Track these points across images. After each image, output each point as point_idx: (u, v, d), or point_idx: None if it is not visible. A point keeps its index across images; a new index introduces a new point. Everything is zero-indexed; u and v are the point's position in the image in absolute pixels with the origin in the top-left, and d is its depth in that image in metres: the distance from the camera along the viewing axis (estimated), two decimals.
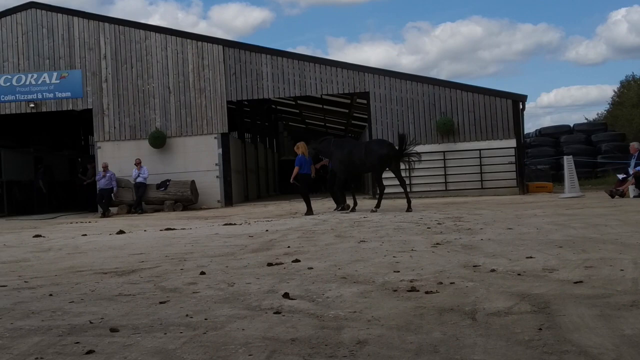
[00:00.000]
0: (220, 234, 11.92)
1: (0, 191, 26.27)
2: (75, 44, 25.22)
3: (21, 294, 6.05)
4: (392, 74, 25.16)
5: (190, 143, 24.82)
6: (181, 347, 3.91)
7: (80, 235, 13.32)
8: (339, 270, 6.65)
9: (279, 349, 3.80)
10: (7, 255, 9.87)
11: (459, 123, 24.29)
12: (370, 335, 4.05)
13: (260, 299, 5.29)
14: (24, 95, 25.24)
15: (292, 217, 16.26)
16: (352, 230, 11.40)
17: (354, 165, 17.22)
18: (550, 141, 36.39)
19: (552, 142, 36.27)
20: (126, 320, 4.68)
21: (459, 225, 11.35)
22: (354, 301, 5.09)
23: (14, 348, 4.03)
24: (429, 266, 6.68)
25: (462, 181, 24.16)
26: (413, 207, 16.79)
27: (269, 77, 24.77)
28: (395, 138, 24.39)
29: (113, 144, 25.01)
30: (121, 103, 25.05)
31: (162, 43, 25.07)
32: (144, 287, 6.13)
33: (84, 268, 7.81)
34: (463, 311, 4.60)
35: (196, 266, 7.45)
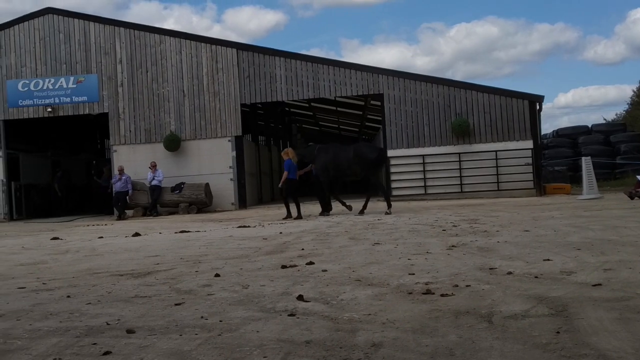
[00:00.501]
0: (235, 237, 11.95)
1: (19, 194, 26.48)
2: (91, 49, 25.40)
3: (39, 295, 6.09)
4: (406, 76, 25.11)
5: (204, 146, 24.90)
6: (196, 349, 3.92)
7: (97, 238, 13.40)
8: (353, 273, 6.65)
9: (293, 351, 3.80)
10: (26, 258, 9.95)
11: (474, 124, 24.20)
12: (385, 338, 4.04)
13: (275, 301, 5.30)
14: (42, 100, 25.45)
15: (305, 220, 16.26)
16: (366, 233, 11.38)
17: (340, 169, 17.34)
18: (568, 142, 36.13)
19: (569, 143, 36.02)
20: (142, 322, 4.71)
21: (474, 228, 11.30)
22: (368, 304, 5.08)
23: (33, 349, 4.06)
24: (445, 269, 6.65)
25: (478, 183, 24.06)
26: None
27: (282, 79, 24.81)
28: (410, 140, 24.48)
29: (128, 147, 25.15)
30: (136, 107, 25.19)
31: (176, 47, 25.20)
32: (159, 289, 6.16)
33: (100, 270, 7.86)
34: (479, 314, 4.57)
35: (211, 268, 7.47)
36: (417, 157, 24.39)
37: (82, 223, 21.15)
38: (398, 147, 24.53)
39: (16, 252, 11.18)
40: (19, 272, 8.06)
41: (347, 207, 17.50)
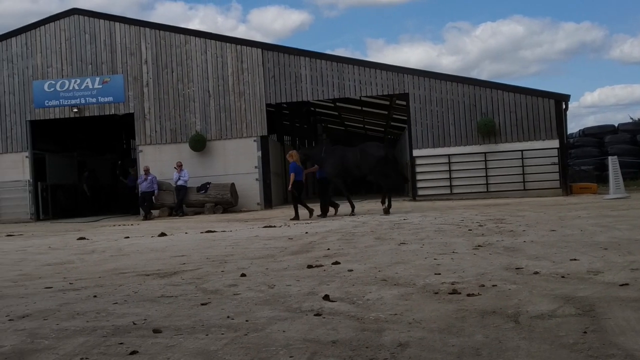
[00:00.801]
0: (260, 237, 11.98)
1: (45, 195, 26.80)
2: (117, 49, 25.62)
3: (66, 295, 6.15)
4: (431, 75, 25.01)
5: (230, 146, 25.00)
6: (223, 349, 3.93)
7: (123, 238, 13.51)
8: (379, 273, 6.62)
9: (319, 351, 3.79)
10: (53, 258, 10.06)
11: (500, 124, 24.03)
12: (412, 337, 4.02)
13: (301, 301, 5.29)
14: (68, 100, 25.73)
15: (331, 220, 16.26)
16: (392, 233, 11.35)
17: (347, 170, 17.47)
18: (594, 141, 35.74)
19: (596, 142, 35.62)
20: (168, 322, 4.73)
21: (500, 227, 11.21)
22: (394, 303, 5.06)
23: (60, 348, 4.10)
24: (471, 268, 6.61)
25: (504, 182, 23.88)
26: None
27: (307, 79, 24.83)
28: (436, 139, 24.37)
29: (154, 147, 25.33)
30: (162, 107, 25.37)
31: (201, 47, 25.33)
32: (185, 289, 6.19)
33: (127, 270, 7.92)
34: (506, 314, 4.54)
35: (237, 268, 7.49)
36: (443, 156, 24.27)
37: (108, 223, 21.35)
38: (423, 146, 24.43)
39: (43, 252, 11.30)
40: (46, 272, 8.14)
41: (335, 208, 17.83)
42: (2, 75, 26.12)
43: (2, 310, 5.48)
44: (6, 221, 25.38)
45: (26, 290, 6.61)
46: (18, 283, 7.19)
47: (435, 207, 18.98)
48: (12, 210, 26.09)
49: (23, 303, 5.78)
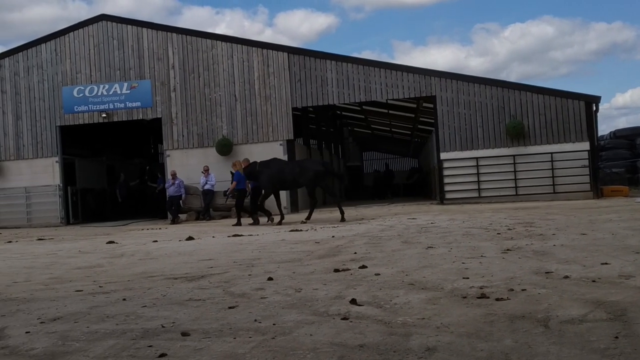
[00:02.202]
0: (287, 240, 12.00)
1: (75, 199, 27.13)
2: (144, 55, 25.87)
3: (96, 298, 6.21)
4: (459, 77, 24.87)
5: (256, 150, 25.06)
6: (250, 352, 3.94)
7: (151, 242, 13.61)
8: (406, 277, 6.60)
9: (347, 355, 3.79)
10: (82, 261, 10.17)
11: (529, 126, 23.81)
12: (440, 342, 3.99)
13: (328, 305, 5.29)
14: (97, 106, 26.02)
15: (358, 223, 16.23)
16: (419, 236, 11.29)
17: (284, 182, 18.57)
18: (626, 143, 35.21)
19: (627, 144, 35.09)
20: (197, 325, 4.75)
21: (530, 231, 11.10)
22: (422, 308, 5.03)
23: (90, 351, 4.14)
24: (500, 272, 6.55)
25: (533, 185, 23.65)
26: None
27: (334, 83, 24.84)
28: (463, 142, 24.21)
29: (181, 151, 25.51)
30: (189, 112, 25.54)
31: (228, 52, 25.47)
32: (213, 292, 6.21)
33: (155, 273, 7.98)
34: (535, 318, 4.49)
35: (264, 272, 7.51)
36: (471, 159, 24.11)
37: (136, 227, 21.53)
38: (451, 149, 24.29)
39: (73, 255, 11.43)
40: (76, 275, 8.23)
41: (270, 219, 18.62)
42: (33, 81, 26.51)
43: (33, 313, 5.55)
44: (37, 225, 25.74)
45: (57, 293, 6.69)
46: (49, 286, 7.28)
47: (463, 211, 18.86)
48: (43, 214, 26.46)
49: (54, 306, 5.85)
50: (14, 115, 26.59)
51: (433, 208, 21.93)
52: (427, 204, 25.43)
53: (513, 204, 22.00)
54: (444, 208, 21.61)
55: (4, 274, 8.85)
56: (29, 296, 6.55)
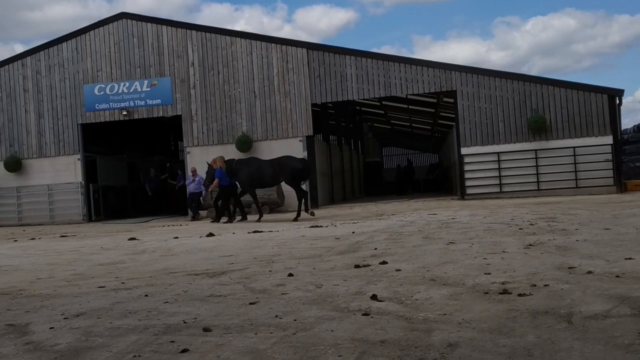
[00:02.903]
0: (307, 236, 12.00)
1: (97, 196, 27.36)
2: (164, 52, 26.00)
3: (118, 294, 6.25)
4: (480, 71, 24.73)
5: (275, 146, 25.10)
6: (271, 347, 3.94)
7: (172, 238, 13.69)
8: (427, 272, 6.57)
9: (368, 351, 3.78)
10: (105, 258, 10.24)
11: (551, 120, 23.63)
12: (461, 338, 3.97)
13: (348, 301, 5.28)
14: (117, 103, 26.21)
15: (378, 219, 16.20)
16: (440, 232, 11.25)
17: (263, 180, 19.02)
18: None
19: None
20: (218, 320, 4.77)
21: (552, 226, 11.01)
22: (443, 303, 5.01)
23: (113, 346, 4.16)
24: (522, 268, 6.50)
25: (556, 180, 23.49)
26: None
27: (353, 78, 24.80)
28: (484, 137, 24.07)
29: (201, 148, 25.62)
30: (209, 108, 25.64)
31: (247, 48, 25.52)
32: (234, 288, 6.23)
33: (176, 270, 8.02)
34: (558, 314, 4.45)
35: (284, 268, 7.51)
36: (492, 154, 23.98)
37: (157, 224, 21.66)
38: (472, 144, 24.18)
39: (95, 252, 11.53)
40: (98, 272, 8.30)
41: (243, 217, 19.02)
42: (54, 79, 26.76)
43: (57, 309, 5.60)
44: (59, 222, 26.00)
45: (80, 289, 6.74)
46: (72, 282, 7.35)
47: (484, 206, 18.76)
48: (65, 211, 26.73)
49: (77, 302, 5.90)
50: (36, 114, 26.86)
51: (454, 203, 21.83)
52: (447, 199, 25.32)
53: (535, 199, 21.84)
54: (465, 203, 21.50)
55: (27, 270, 8.95)
56: (53, 292, 6.61)
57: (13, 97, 27.09)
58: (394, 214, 17.41)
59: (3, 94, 27.17)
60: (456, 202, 22.88)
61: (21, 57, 27.33)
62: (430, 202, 24.35)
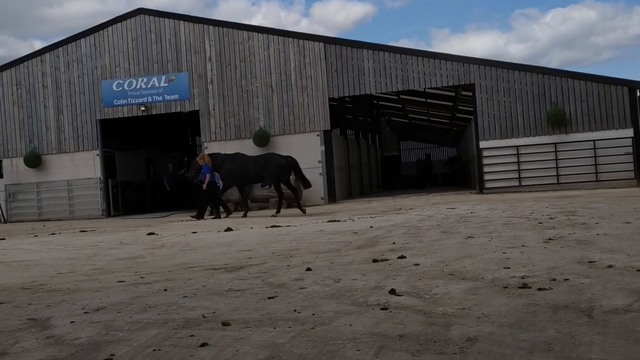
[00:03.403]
0: (325, 231, 12.00)
1: (115, 191, 27.54)
2: (181, 48, 26.08)
3: (138, 289, 6.29)
4: (498, 64, 24.57)
5: (293, 141, 25.14)
6: (290, 342, 3.95)
7: (191, 233, 13.74)
8: (446, 267, 6.54)
9: (386, 345, 3.77)
10: (124, 252, 10.31)
11: (571, 113, 23.45)
12: (481, 332, 3.95)
13: (367, 295, 5.27)
14: (135, 99, 26.35)
15: (396, 213, 16.17)
16: (458, 226, 11.20)
17: (247, 176, 19.23)
18: None
19: None
20: (237, 315, 4.78)
21: (572, 220, 10.93)
22: (462, 298, 4.98)
23: (134, 340, 4.19)
24: (541, 262, 6.46)
25: (575, 174, 23.31)
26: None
27: (370, 72, 24.74)
28: (503, 130, 23.93)
29: (219, 143, 25.69)
30: (226, 103, 25.70)
31: (264, 43, 25.53)
32: (252, 283, 6.24)
33: (195, 264, 8.05)
34: (578, 308, 4.42)
35: (302, 262, 7.52)
36: (511, 148, 23.84)
37: (176, 219, 21.76)
38: (490, 138, 24.06)
39: (115, 247, 11.60)
40: (118, 267, 8.35)
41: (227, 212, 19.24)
42: (73, 75, 26.95)
43: (77, 303, 5.64)
44: (79, 217, 26.22)
45: (100, 284, 6.79)
46: (92, 277, 7.40)
47: (503, 200, 18.65)
48: (85, 206, 26.95)
49: (97, 296, 5.94)
50: (56, 110, 27.08)
51: (472, 197, 21.73)
52: (466, 193, 25.21)
53: (555, 192, 21.69)
54: (483, 197, 21.40)
55: (48, 265, 9.02)
56: (73, 287, 6.66)
57: (32, 93, 27.33)
58: (412, 208, 17.37)
59: (22, 90, 27.41)
60: (475, 196, 22.77)
61: (40, 54, 27.56)
62: (448, 196, 24.26)
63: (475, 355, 3.49)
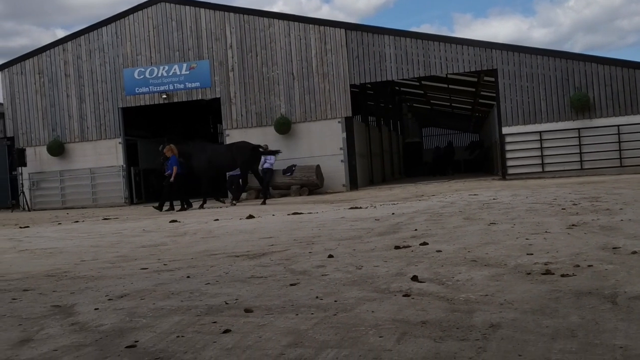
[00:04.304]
0: (347, 218, 11.99)
1: (138, 179, 27.74)
2: (202, 35, 26.11)
3: (161, 276, 6.34)
4: (521, 49, 24.31)
5: (314, 128, 25.12)
6: (313, 328, 3.96)
7: (213, 220, 13.81)
8: (468, 253, 6.51)
9: (409, 331, 3.76)
10: (147, 240, 10.39)
11: (594, 98, 23.16)
12: (504, 318, 3.93)
13: (389, 282, 5.27)
14: (157, 87, 26.46)
15: (418, 200, 16.11)
16: (481, 213, 11.14)
17: (222, 164, 19.48)
18: None
19: None
20: (259, 302, 4.80)
21: (596, 206, 10.82)
22: (485, 284, 4.96)
23: (157, 327, 4.23)
24: (565, 248, 6.41)
25: (599, 159, 23.06)
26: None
27: (392, 58, 24.60)
28: (526, 116, 23.71)
29: (240, 131, 25.73)
30: (247, 91, 25.72)
31: (285, 30, 25.47)
32: (274, 270, 6.26)
33: (217, 251, 8.09)
34: (602, 295, 4.38)
35: (324, 249, 7.52)
36: (534, 133, 23.63)
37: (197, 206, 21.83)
38: (513, 123, 23.86)
39: (138, 234, 11.69)
40: (141, 254, 8.42)
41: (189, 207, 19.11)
42: (95, 64, 27.11)
43: (101, 290, 5.70)
44: (102, 205, 26.45)
45: (123, 271, 6.85)
46: (115, 264, 7.47)
47: (526, 186, 18.51)
48: (107, 194, 27.18)
49: (121, 283, 6.00)
50: (78, 98, 27.29)
51: (495, 184, 21.59)
52: (488, 179, 25.07)
53: (578, 178, 21.49)
54: (506, 184, 21.26)
55: (72, 252, 9.12)
56: (97, 274, 6.73)
57: (55, 82, 27.54)
58: (434, 195, 17.30)
59: (45, 79, 27.64)
60: (497, 182, 22.63)
61: (62, 42, 27.74)
62: (470, 182, 24.13)
63: (498, 342, 3.48)
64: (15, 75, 28.02)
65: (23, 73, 27.93)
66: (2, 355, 3.80)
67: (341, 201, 18.01)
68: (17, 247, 10.44)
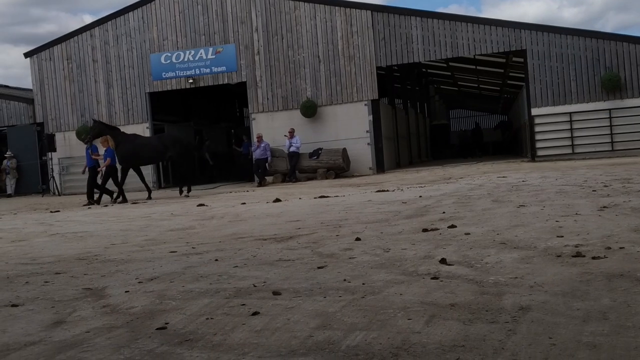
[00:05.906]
0: (374, 201, 11.97)
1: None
2: (228, 19, 26.09)
3: (190, 259, 6.39)
4: (551, 29, 23.93)
5: (340, 111, 25.03)
6: (341, 311, 3.96)
7: (240, 204, 13.88)
8: (497, 236, 6.47)
9: (438, 314, 3.75)
10: (175, 224, 10.47)
11: (626, 78, 22.75)
12: (533, 301, 3.90)
13: (417, 265, 5.25)
14: (183, 72, 26.53)
15: (446, 183, 16.02)
16: (510, 195, 11.04)
17: (144, 157, 19.39)
18: None
19: None
20: (287, 284, 4.82)
21: (627, 187, 10.66)
22: (514, 267, 4.92)
23: (187, 309, 4.26)
24: (596, 230, 6.33)
25: (631, 140, 22.69)
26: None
27: (419, 40, 24.38)
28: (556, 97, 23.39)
29: (266, 115, 25.75)
30: (273, 74, 25.69)
31: (311, 12, 25.35)
32: (302, 253, 6.28)
33: (245, 235, 8.13)
34: (634, 277, 4.32)
35: (351, 232, 7.52)
36: (564, 114, 23.31)
37: (224, 190, 21.98)
38: (543, 105, 23.54)
39: (166, 218, 11.80)
40: (169, 237, 8.49)
41: (124, 199, 18.65)
42: (122, 49, 27.26)
43: (131, 273, 5.77)
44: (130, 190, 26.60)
45: (152, 254, 6.92)
46: (145, 248, 7.54)
47: (556, 168, 18.30)
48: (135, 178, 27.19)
49: (150, 266, 6.06)
50: (106, 84, 27.47)
51: (524, 166, 21.38)
52: (517, 161, 24.82)
53: (609, 159, 21.19)
54: (535, 165, 21.04)
55: (102, 236, 9.23)
56: (127, 257, 6.80)
57: (83, 67, 27.75)
58: (462, 178, 17.19)
59: (73, 64, 27.87)
60: (526, 164, 22.40)
61: (90, 28, 27.92)
62: (499, 164, 23.92)
63: (528, 324, 3.45)
64: (44, 62, 28.28)
65: (52, 59, 28.19)
66: (36, 337, 3.86)
67: (368, 184, 17.98)
68: (48, 231, 10.59)
